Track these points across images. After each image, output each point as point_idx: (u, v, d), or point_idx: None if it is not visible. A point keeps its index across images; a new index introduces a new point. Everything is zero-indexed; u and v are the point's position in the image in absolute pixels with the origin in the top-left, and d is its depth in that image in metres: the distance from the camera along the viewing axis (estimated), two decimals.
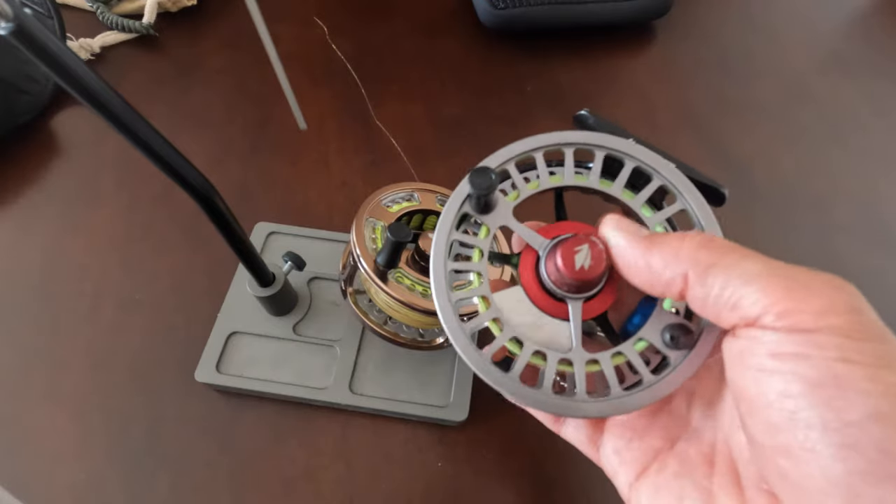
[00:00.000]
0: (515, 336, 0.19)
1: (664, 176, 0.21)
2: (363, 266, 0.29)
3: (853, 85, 0.53)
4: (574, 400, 0.18)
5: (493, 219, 0.21)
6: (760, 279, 0.14)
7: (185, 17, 0.54)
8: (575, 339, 0.19)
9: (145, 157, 0.22)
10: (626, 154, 0.21)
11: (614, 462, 0.19)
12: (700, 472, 0.17)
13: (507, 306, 0.20)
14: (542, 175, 0.22)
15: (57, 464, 0.32)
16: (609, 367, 0.18)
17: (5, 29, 0.16)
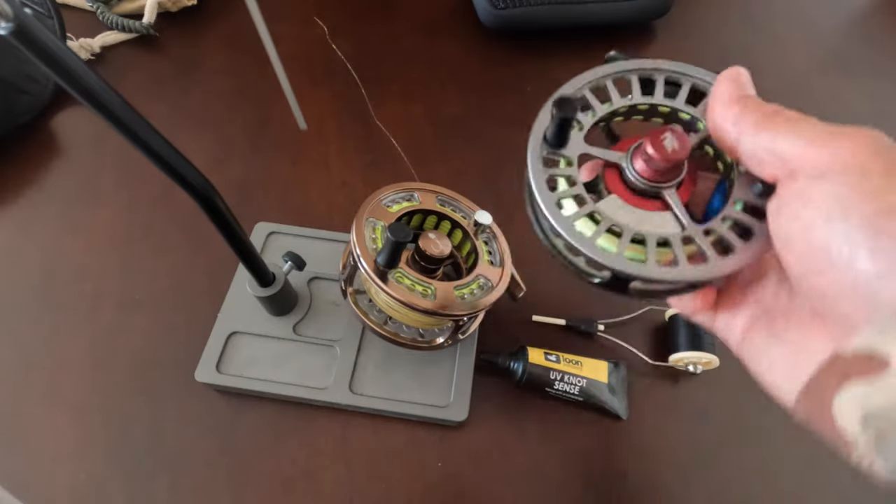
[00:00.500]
0: (634, 236, 0.21)
1: (694, 77, 0.25)
2: (363, 266, 0.29)
3: (853, 84, 0.53)
4: (708, 266, 0.20)
5: (570, 150, 0.23)
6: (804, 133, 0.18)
7: (185, 16, 0.54)
8: (684, 219, 0.21)
9: (145, 157, 0.22)
10: (662, 69, 0.25)
11: (724, 328, 0.23)
12: (780, 324, 0.21)
13: (610, 213, 0.22)
14: (615, 99, 0.25)
15: (57, 464, 0.32)
16: (704, 240, 0.21)
17: (6, 29, 0.16)
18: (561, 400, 0.35)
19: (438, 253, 0.31)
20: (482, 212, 0.33)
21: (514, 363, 0.35)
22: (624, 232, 0.21)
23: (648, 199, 0.22)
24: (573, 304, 0.39)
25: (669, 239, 0.21)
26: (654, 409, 0.36)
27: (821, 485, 0.34)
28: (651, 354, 0.37)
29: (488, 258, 0.34)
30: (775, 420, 0.36)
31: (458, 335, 0.34)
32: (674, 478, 0.34)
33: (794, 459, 0.34)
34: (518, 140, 0.50)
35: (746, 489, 0.34)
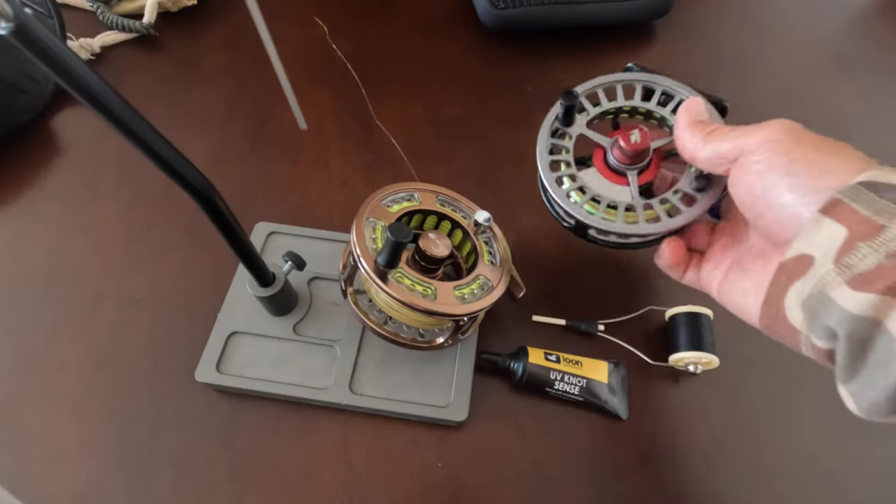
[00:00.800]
0: (594, 197, 0.31)
1: (683, 94, 0.32)
2: (363, 266, 0.29)
3: (853, 84, 0.53)
4: (661, 223, 0.29)
5: (574, 129, 0.33)
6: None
7: (186, 16, 0.54)
8: (634, 192, 0.31)
9: (145, 157, 0.22)
10: (660, 84, 0.33)
11: (707, 280, 0.30)
12: (748, 262, 0.28)
13: (587, 179, 0.32)
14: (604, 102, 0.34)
15: (57, 464, 0.32)
16: (660, 206, 0.30)
17: (6, 29, 0.16)
18: (561, 400, 0.35)
19: (438, 253, 0.31)
20: (482, 212, 0.33)
21: (514, 363, 0.35)
22: (601, 200, 0.31)
23: (619, 175, 0.32)
24: (573, 304, 0.39)
25: (633, 205, 0.30)
26: (654, 409, 0.36)
27: (821, 485, 0.34)
28: (651, 354, 0.37)
29: (488, 258, 0.34)
30: (775, 420, 0.36)
31: (459, 335, 0.34)
32: (674, 478, 0.34)
33: (794, 459, 0.34)
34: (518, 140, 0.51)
35: (746, 489, 0.34)
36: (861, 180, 0.22)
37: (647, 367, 0.37)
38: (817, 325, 0.21)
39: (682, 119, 0.28)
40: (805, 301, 0.22)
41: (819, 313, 0.21)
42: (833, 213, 0.21)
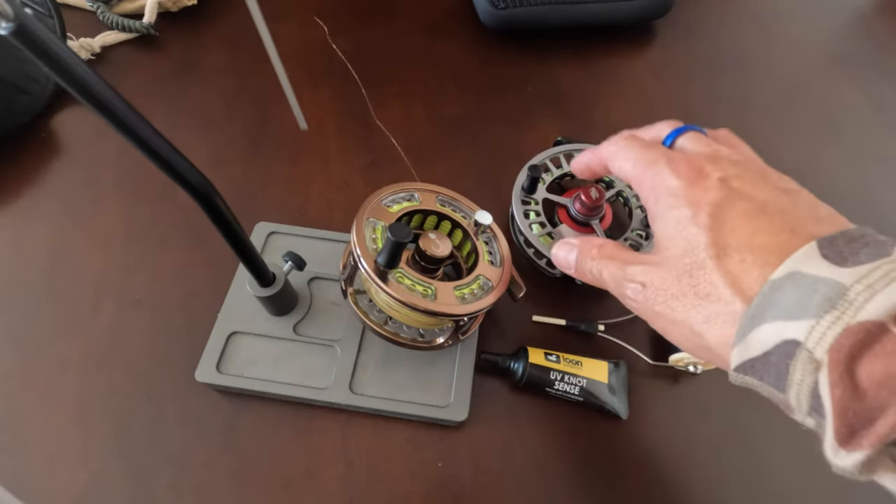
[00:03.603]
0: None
1: None
2: (363, 266, 0.29)
3: (853, 84, 0.53)
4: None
5: (538, 195, 0.40)
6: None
7: (186, 16, 0.54)
8: (602, 236, 0.38)
9: (145, 157, 0.22)
10: None
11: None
12: None
13: (564, 232, 0.38)
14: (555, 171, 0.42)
15: (57, 464, 0.32)
16: (625, 243, 0.37)
17: (6, 29, 0.16)
18: (561, 400, 0.35)
19: (439, 253, 0.31)
20: (482, 212, 0.33)
21: (514, 363, 0.35)
22: None
23: (584, 227, 0.38)
24: (573, 304, 0.39)
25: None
26: (654, 409, 0.36)
27: (820, 485, 0.34)
28: (651, 354, 0.37)
29: (488, 258, 0.34)
30: (775, 420, 0.36)
31: (459, 335, 0.34)
32: (673, 478, 0.34)
33: (793, 459, 0.34)
34: (518, 140, 0.51)
35: (746, 489, 0.34)
36: (735, 366, 0.21)
37: (648, 367, 0.37)
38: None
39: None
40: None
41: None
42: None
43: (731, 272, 0.21)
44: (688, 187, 0.24)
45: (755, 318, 0.20)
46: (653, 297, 0.24)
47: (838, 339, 0.18)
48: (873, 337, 0.18)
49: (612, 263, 0.26)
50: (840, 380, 0.18)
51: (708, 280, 0.22)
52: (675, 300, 0.23)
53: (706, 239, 0.22)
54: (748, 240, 0.22)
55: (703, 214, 0.23)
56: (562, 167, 0.42)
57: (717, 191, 0.23)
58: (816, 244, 0.20)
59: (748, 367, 0.21)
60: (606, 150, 0.28)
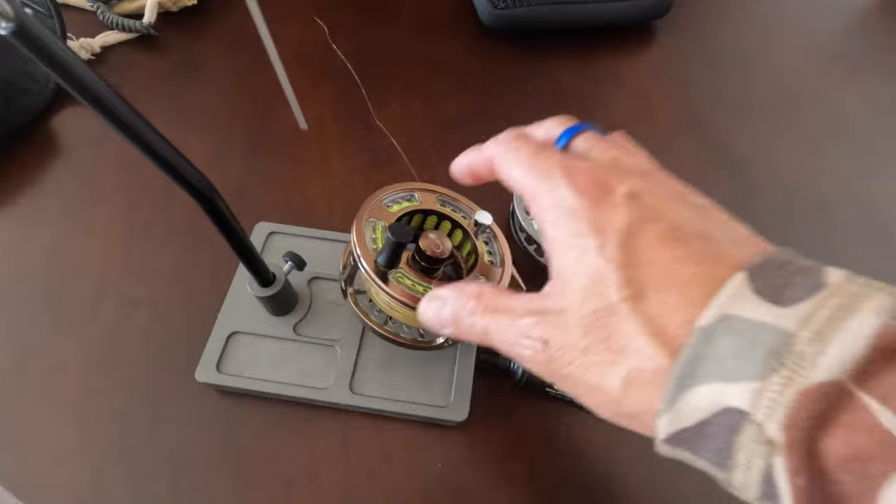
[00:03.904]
0: None
1: None
2: (363, 266, 0.29)
3: (853, 85, 0.53)
4: None
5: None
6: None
7: (186, 16, 0.54)
8: None
9: (145, 157, 0.22)
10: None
11: None
12: None
13: None
14: None
15: (57, 464, 0.32)
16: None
17: (6, 29, 0.16)
18: (561, 400, 0.35)
19: (439, 253, 0.31)
20: (482, 212, 0.33)
21: (514, 364, 0.35)
22: None
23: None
24: None
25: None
26: None
27: None
28: None
29: (488, 258, 0.34)
30: None
31: None
32: (674, 477, 0.34)
33: None
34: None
35: None
36: (664, 437, 0.18)
37: None
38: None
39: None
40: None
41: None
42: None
43: (650, 318, 0.17)
44: (591, 208, 0.19)
45: (685, 377, 0.17)
46: (558, 357, 0.19)
47: (794, 409, 0.15)
48: (834, 404, 0.15)
49: (497, 317, 0.22)
50: (802, 466, 0.15)
51: (623, 330, 0.18)
52: (584, 356, 0.19)
53: (618, 277, 0.18)
54: (668, 274, 0.18)
55: (612, 245, 0.18)
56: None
57: (626, 211, 0.19)
58: (747, 277, 0.17)
59: (680, 440, 0.17)
60: (493, 150, 0.24)
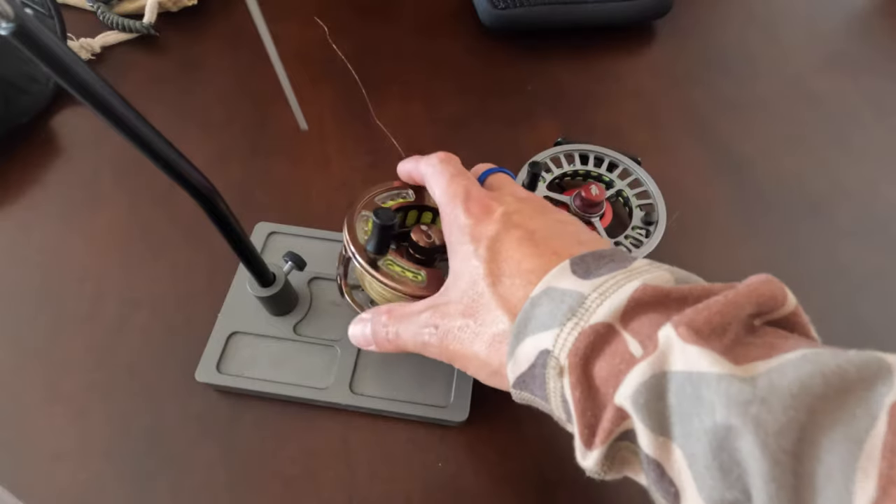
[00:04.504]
0: None
1: (613, 156, 0.43)
2: (353, 254, 0.30)
3: (855, 85, 0.53)
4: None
5: (538, 192, 0.41)
6: None
7: (186, 16, 0.54)
8: (602, 233, 0.40)
9: (146, 158, 0.22)
10: (592, 150, 0.43)
11: None
12: None
13: None
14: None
15: (57, 464, 0.32)
16: (625, 241, 0.40)
17: (6, 29, 0.16)
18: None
19: (430, 243, 0.32)
20: None
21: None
22: None
23: (587, 224, 0.38)
24: None
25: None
26: None
27: None
28: None
29: None
30: None
31: None
32: None
33: None
34: (519, 140, 0.51)
35: None
36: (511, 384, 0.23)
37: None
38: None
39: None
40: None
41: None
42: None
43: (502, 295, 0.23)
44: (475, 225, 0.25)
45: (519, 334, 0.21)
46: (447, 337, 0.25)
47: (576, 343, 0.20)
48: (602, 338, 0.19)
49: (404, 321, 0.27)
50: (578, 382, 0.19)
51: (486, 307, 0.23)
52: (462, 332, 0.24)
53: (484, 269, 0.24)
54: (517, 264, 0.23)
55: (483, 248, 0.24)
56: (562, 166, 0.42)
57: (497, 224, 0.25)
58: (569, 262, 0.22)
59: (520, 383, 0.22)
60: (424, 168, 0.30)
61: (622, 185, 0.41)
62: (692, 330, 0.18)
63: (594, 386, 0.19)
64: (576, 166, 0.43)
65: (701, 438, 0.17)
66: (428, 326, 0.26)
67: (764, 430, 0.16)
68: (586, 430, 0.19)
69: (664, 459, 0.18)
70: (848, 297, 0.40)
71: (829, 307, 0.40)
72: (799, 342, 0.18)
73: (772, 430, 0.16)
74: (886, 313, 0.39)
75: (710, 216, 0.44)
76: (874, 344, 0.18)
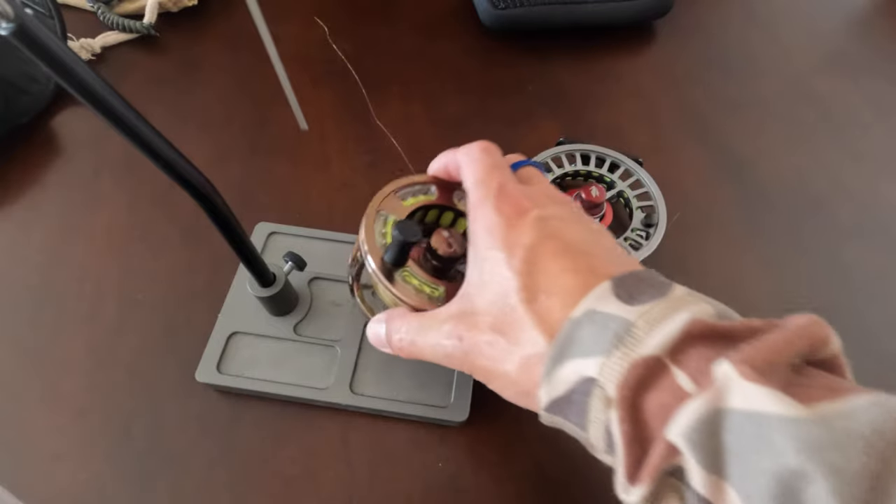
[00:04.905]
0: None
1: (614, 156, 0.43)
2: (370, 263, 0.28)
3: (855, 85, 0.53)
4: None
5: None
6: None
7: (186, 17, 0.54)
8: None
9: (146, 158, 0.22)
10: (594, 151, 0.44)
11: None
12: None
13: None
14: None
15: (57, 464, 0.32)
16: (624, 243, 0.40)
17: (6, 29, 0.16)
18: None
19: (451, 252, 0.30)
20: None
21: None
22: None
23: None
24: None
25: None
26: None
27: None
28: None
29: None
30: None
31: None
32: None
33: None
34: (519, 140, 0.51)
35: None
36: (544, 406, 0.22)
37: None
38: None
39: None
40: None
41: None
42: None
43: (539, 314, 0.22)
44: (507, 228, 0.24)
45: (558, 357, 0.21)
46: (473, 351, 0.24)
47: (625, 374, 0.19)
48: (652, 371, 0.19)
49: (423, 331, 0.26)
50: (627, 415, 0.19)
51: (520, 324, 0.22)
52: (492, 348, 0.23)
53: (518, 283, 0.23)
54: (554, 280, 0.22)
55: (517, 259, 0.23)
56: (563, 167, 0.43)
57: (532, 232, 0.23)
58: (611, 283, 0.21)
59: (554, 407, 0.22)
60: (462, 157, 0.29)
61: (623, 185, 0.41)
62: (752, 367, 0.17)
63: (643, 420, 0.19)
64: (577, 166, 0.43)
65: (760, 480, 0.16)
66: (451, 338, 0.24)
67: (840, 477, 0.15)
68: (633, 464, 0.19)
69: (716, 499, 0.18)
70: (850, 296, 0.40)
71: (831, 307, 0.40)
72: (854, 385, 0.18)
73: (847, 478, 0.15)
74: (888, 313, 0.39)
75: (710, 216, 0.44)
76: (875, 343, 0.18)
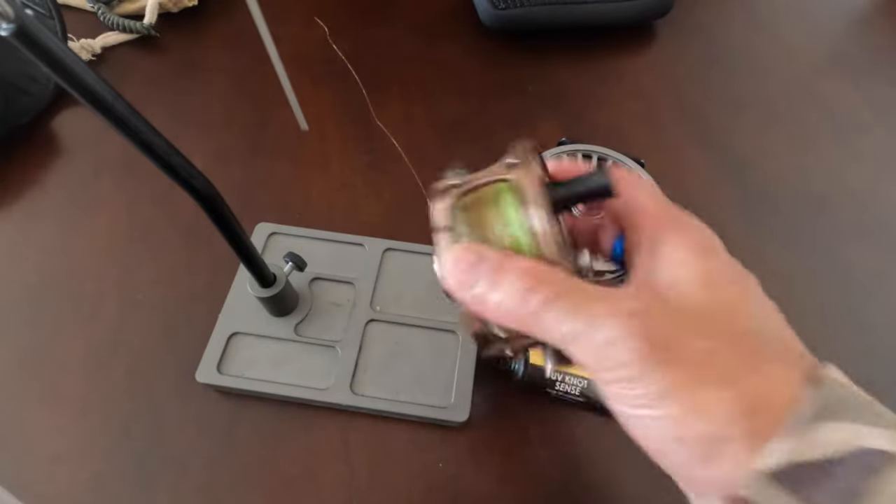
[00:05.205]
0: None
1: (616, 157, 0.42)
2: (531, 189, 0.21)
3: (856, 85, 0.53)
4: None
5: None
6: None
7: (186, 17, 0.54)
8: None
9: (146, 158, 0.22)
10: (595, 151, 0.43)
11: None
12: None
13: None
14: None
15: (57, 464, 0.32)
16: None
17: (7, 30, 0.16)
18: (562, 401, 0.35)
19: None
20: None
21: (515, 364, 0.35)
22: None
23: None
24: None
25: None
26: None
27: None
28: None
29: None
30: None
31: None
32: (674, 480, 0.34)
33: None
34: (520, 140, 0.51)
35: None
36: (772, 468, 0.16)
37: None
38: None
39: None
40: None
41: None
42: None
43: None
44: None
45: (820, 411, 0.16)
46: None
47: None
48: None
49: (567, 304, 0.18)
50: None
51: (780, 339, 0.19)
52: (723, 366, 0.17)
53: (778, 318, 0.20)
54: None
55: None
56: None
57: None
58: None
59: (794, 473, 0.16)
60: (622, 173, 0.23)
61: None
62: None
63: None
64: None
65: None
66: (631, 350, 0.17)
67: None
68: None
69: None
70: (851, 296, 0.40)
71: (832, 307, 0.40)
72: None
73: None
74: (889, 313, 0.39)
75: (711, 217, 0.43)
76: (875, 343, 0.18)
